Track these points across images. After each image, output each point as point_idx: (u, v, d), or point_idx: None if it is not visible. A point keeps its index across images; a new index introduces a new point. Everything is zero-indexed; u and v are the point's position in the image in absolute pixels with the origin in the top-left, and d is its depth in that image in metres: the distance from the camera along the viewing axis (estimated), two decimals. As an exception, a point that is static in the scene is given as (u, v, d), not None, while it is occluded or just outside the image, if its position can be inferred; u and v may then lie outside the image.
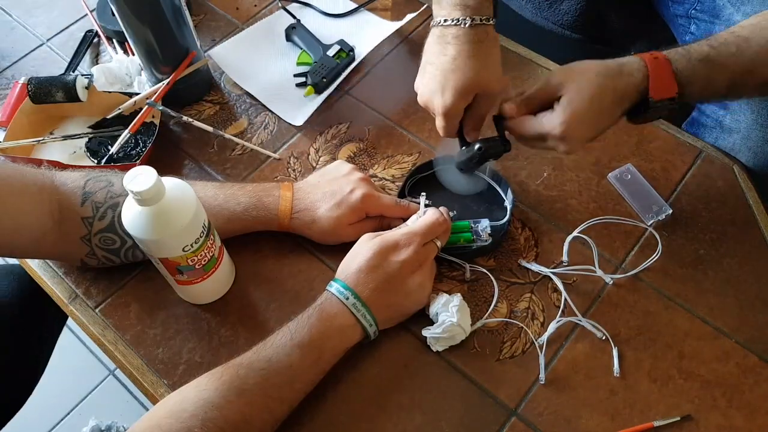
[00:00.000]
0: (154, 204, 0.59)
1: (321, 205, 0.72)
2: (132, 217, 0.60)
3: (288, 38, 0.96)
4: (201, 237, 0.64)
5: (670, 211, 0.76)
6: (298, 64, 0.93)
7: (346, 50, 0.92)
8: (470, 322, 0.69)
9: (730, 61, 0.65)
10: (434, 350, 0.68)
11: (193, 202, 0.62)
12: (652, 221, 0.76)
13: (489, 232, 0.74)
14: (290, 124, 0.88)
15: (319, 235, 0.73)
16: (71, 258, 0.71)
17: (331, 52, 0.92)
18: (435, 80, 0.69)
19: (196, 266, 0.66)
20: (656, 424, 0.63)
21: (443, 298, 0.69)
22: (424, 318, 0.71)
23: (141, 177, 0.57)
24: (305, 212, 0.72)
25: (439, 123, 0.71)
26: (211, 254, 0.67)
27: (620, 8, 0.95)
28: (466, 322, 0.68)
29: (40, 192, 0.65)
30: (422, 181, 0.81)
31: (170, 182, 0.62)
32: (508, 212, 0.76)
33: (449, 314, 0.67)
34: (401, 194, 0.79)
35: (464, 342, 0.69)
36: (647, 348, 0.68)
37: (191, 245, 0.63)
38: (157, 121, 0.85)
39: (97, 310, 0.73)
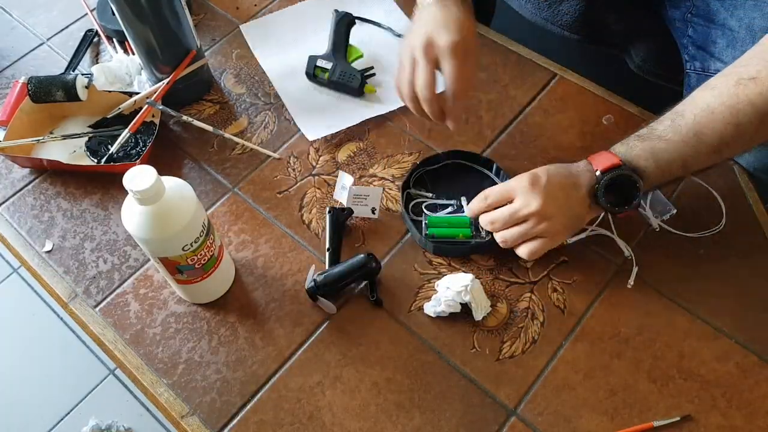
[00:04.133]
0: (153, 203, 0.59)
1: None
2: (132, 216, 0.60)
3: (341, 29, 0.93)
4: (201, 237, 0.64)
5: (675, 211, 0.76)
6: (351, 60, 0.91)
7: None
8: (488, 303, 0.71)
9: (667, 132, 0.67)
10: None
11: (192, 202, 0.62)
12: (657, 221, 0.76)
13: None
14: (299, 128, 0.88)
15: None
16: None
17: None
18: (437, 21, 0.71)
19: (196, 266, 0.66)
20: (656, 424, 0.63)
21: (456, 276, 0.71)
22: (422, 315, 0.71)
23: (140, 176, 0.57)
24: None
25: (444, 64, 0.71)
26: (210, 254, 0.67)
27: (619, 9, 0.95)
28: (480, 301, 0.70)
29: None
30: (426, 175, 0.81)
31: (170, 182, 0.62)
32: None
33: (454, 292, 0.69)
34: (405, 185, 0.79)
35: (464, 341, 0.69)
36: (647, 348, 0.68)
37: (191, 245, 0.63)
38: (157, 121, 0.85)
39: (96, 310, 0.73)
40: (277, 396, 0.67)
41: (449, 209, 0.78)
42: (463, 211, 0.77)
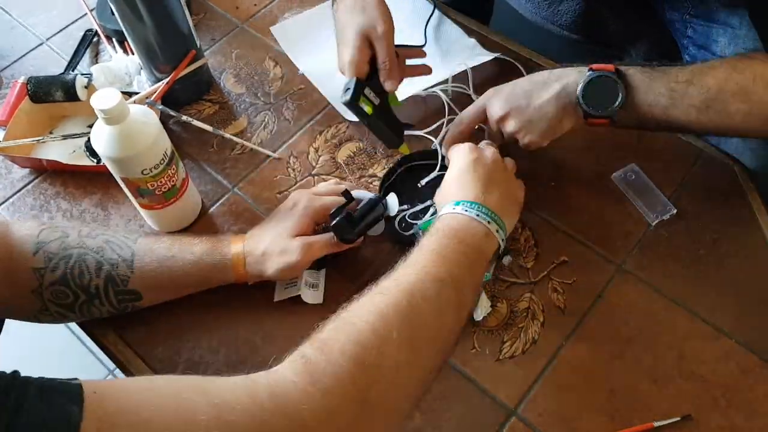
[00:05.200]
0: (118, 123, 0.64)
1: (268, 227, 0.70)
2: (99, 135, 0.65)
3: None
4: (161, 164, 0.68)
5: (675, 211, 0.76)
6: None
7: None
8: (489, 303, 0.71)
9: (664, 67, 0.68)
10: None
11: (155, 128, 0.67)
12: (657, 221, 0.76)
13: None
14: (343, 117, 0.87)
15: (279, 259, 0.67)
16: (25, 314, 0.65)
17: None
18: (336, 43, 0.78)
19: (156, 192, 0.70)
20: (656, 424, 0.63)
21: None
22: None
23: (107, 97, 0.62)
24: (255, 241, 0.69)
25: (380, 50, 0.75)
26: (172, 183, 0.71)
27: (618, 10, 0.95)
28: (481, 301, 0.70)
29: None
30: (390, 188, 0.79)
31: (135, 108, 0.67)
32: None
33: None
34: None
35: (464, 341, 0.69)
36: (647, 348, 0.68)
37: (150, 169, 0.68)
38: (156, 121, 0.85)
39: (96, 310, 0.73)
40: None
41: (431, 211, 0.77)
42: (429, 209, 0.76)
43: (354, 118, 0.82)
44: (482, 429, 0.64)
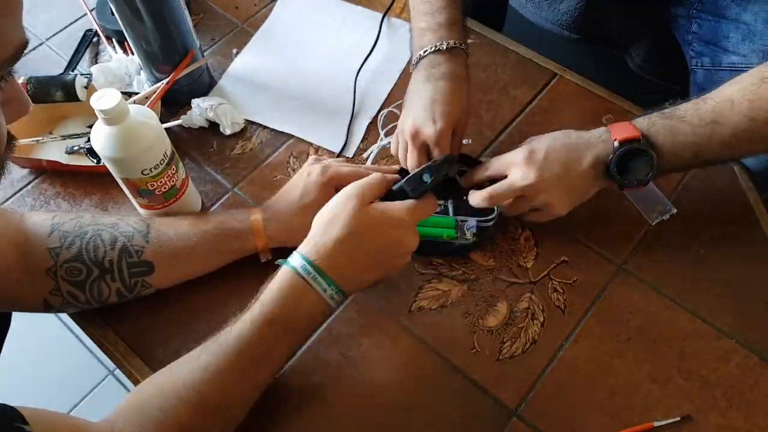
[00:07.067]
0: (118, 123, 0.64)
1: (288, 200, 0.71)
2: (99, 135, 0.65)
3: None
4: (161, 164, 0.68)
5: (675, 211, 0.76)
6: None
7: None
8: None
9: (688, 114, 0.66)
10: None
11: (155, 128, 0.67)
12: (657, 220, 0.76)
13: (474, 232, 0.75)
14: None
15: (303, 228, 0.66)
16: (34, 297, 0.67)
17: None
18: (425, 104, 0.72)
19: (156, 192, 0.70)
20: (656, 424, 0.63)
21: None
22: (422, 315, 0.70)
23: (107, 97, 0.62)
24: (276, 212, 0.71)
25: (434, 150, 0.71)
26: (171, 184, 0.71)
27: (619, 8, 0.95)
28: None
29: (7, 225, 0.65)
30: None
31: (135, 108, 0.67)
32: (496, 212, 0.76)
33: None
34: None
35: (464, 342, 0.69)
36: (647, 348, 0.68)
37: (150, 170, 0.68)
38: (156, 121, 0.85)
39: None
40: (277, 396, 0.67)
41: (437, 209, 0.77)
42: (448, 213, 0.77)
43: None
44: (482, 429, 0.64)
